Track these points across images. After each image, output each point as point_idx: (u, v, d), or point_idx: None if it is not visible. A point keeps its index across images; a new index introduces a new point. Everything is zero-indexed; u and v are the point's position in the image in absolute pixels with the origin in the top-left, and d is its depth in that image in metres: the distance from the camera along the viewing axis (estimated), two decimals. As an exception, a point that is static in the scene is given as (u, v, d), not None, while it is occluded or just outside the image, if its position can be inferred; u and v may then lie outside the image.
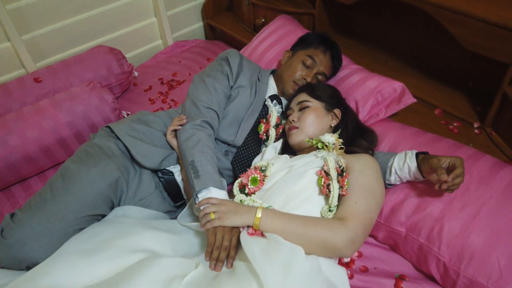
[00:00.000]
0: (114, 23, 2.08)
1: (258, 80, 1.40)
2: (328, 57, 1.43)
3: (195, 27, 2.45)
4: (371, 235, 1.23)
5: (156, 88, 1.95)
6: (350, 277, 1.11)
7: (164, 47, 2.33)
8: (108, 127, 1.28)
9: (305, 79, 1.40)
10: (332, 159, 1.06)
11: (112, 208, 1.18)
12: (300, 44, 1.49)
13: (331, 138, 1.13)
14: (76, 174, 1.12)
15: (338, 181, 1.02)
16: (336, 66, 1.48)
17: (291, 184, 1.06)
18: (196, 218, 1.13)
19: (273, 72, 1.51)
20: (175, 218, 1.20)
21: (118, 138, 1.24)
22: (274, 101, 1.41)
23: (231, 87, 1.34)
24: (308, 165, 1.08)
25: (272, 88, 1.45)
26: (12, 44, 1.76)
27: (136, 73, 2.00)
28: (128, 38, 2.17)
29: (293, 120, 1.25)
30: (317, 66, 1.41)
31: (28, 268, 0.99)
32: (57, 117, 1.50)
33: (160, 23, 2.24)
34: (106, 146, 1.21)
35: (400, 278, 1.11)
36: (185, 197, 1.27)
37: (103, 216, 1.16)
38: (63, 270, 0.85)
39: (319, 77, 1.43)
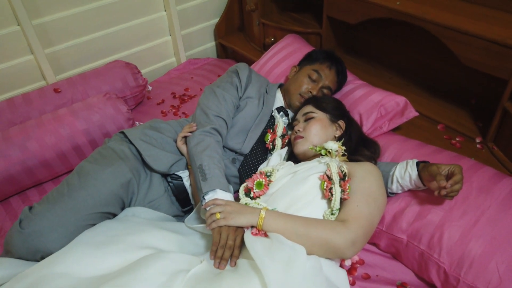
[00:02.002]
0: (131, 40, 2.19)
1: (266, 92, 1.47)
2: (334, 72, 1.49)
3: (208, 46, 2.55)
4: (373, 243, 1.25)
5: (168, 102, 2.03)
6: (352, 283, 1.13)
7: (177, 64, 2.43)
8: (122, 132, 1.35)
9: (310, 92, 1.46)
10: (335, 164, 1.10)
11: (123, 208, 1.23)
12: (307, 60, 1.56)
13: (334, 145, 1.18)
14: (91, 173, 1.18)
15: (340, 185, 1.06)
16: (341, 81, 1.54)
17: (294, 188, 1.10)
18: (203, 222, 1.17)
19: (280, 86, 1.57)
20: (183, 222, 1.24)
21: (131, 143, 1.30)
22: (281, 112, 1.47)
23: (240, 98, 1.40)
24: (311, 170, 1.12)
25: (279, 100, 1.51)
26: (35, 57, 1.87)
27: (150, 87, 2.09)
28: (144, 54, 2.27)
29: (298, 130, 1.30)
30: (323, 80, 1.47)
31: (43, 258, 1.03)
32: (74, 125, 1.58)
33: (175, 41, 2.34)
34: (119, 149, 1.27)
35: (402, 285, 1.12)
36: (192, 202, 1.32)
37: (114, 215, 1.21)
38: (76, 259, 0.89)
39: (325, 90, 1.48)
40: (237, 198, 1.19)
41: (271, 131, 1.41)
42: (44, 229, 1.07)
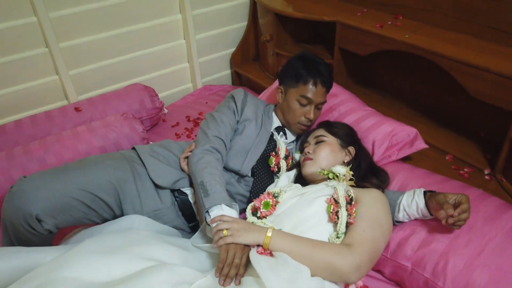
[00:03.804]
0: (151, 65, 2.29)
1: (264, 113, 1.51)
2: (320, 86, 1.41)
3: (224, 74, 2.65)
4: (378, 270, 1.24)
5: (182, 125, 2.09)
6: (356, 309, 1.12)
7: (193, 90, 2.52)
8: (134, 148, 1.42)
9: (307, 118, 1.44)
10: (342, 188, 1.12)
11: (120, 206, 1.26)
12: (288, 79, 1.46)
13: (342, 169, 1.20)
14: (92, 160, 1.28)
15: (346, 209, 1.07)
16: (330, 86, 1.47)
17: (301, 209, 1.12)
18: (209, 241, 1.19)
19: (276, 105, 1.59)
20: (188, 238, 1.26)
21: None
22: (281, 133, 1.50)
23: (238, 121, 1.45)
24: (318, 193, 1.14)
25: (276, 120, 1.53)
26: (60, 77, 1.97)
27: (166, 110, 2.17)
28: (162, 79, 2.37)
29: (308, 152, 1.33)
30: (313, 100, 1.42)
31: (24, 220, 1.10)
32: (91, 142, 1.64)
33: (192, 68, 2.44)
34: (129, 155, 1.36)
35: (406, 314, 1.11)
36: (198, 218, 1.34)
37: (108, 205, 1.24)
38: (83, 266, 0.91)
39: (319, 106, 1.46)
40: (244, 219, 1.21)
41: (274, 154, 1.44)
42: (29, 189, 1.12)
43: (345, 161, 1.32)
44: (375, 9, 1.84)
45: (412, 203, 1.16)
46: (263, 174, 1.44)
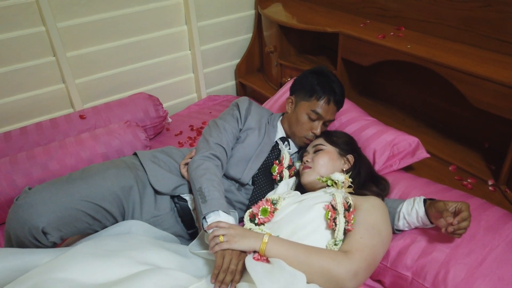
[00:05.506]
0: (156, 75, 2.32)
1: (268, 123, 1.51)
2: (332, 105, 1.43)
3: (228, 84, 2.67)
4: (378, 280, 1.22)
5: (186, 134, 2.10)
6: (355, 320, 1.10)
7: (198, 100, 2.54)
8: (135, 154, 1.43)
9: (314, 132, 1.43)
10: (340, 195, 1.11)
11: (123, 215, 1.26)
12: (300, 91, 1.47)
13: (340, 176, 1.20)
14: (94, 169, 1.28)
15: (344, 216, 1.07)
16: (341, 104, 1.49)
17: (299, 216, 1.12)
18: (206, 248, 1.18)
19: (282, 115, 1.59)
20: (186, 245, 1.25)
21: None
22: (285, 142, 1.49)
23: (240, 130, 1.45)
24: (316, 199, 1.14)
25: (280, 130, 1.53)
26: (66, 86, 2.00)
27: (170, 120, 2.19)
28: (167, 89, 2.39)
29: (307, 161, 1.33)
30: (323, 117, 1.42)
31: (30, 233, 1.08)
32: (94, 149, 1.66)
33: (197, 79, 2.47)
34: (130, 162, 1.36)
35: (407, 326, 1.08)
36: (196, 224, 1.34)
37: (112, 216, 1.23)
38: (79, 268, 0.91)
39: (327, 123, 1.46)
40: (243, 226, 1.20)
41: (278, 162, 1.44)
42: (35, 202, 1.12)
43: (344, 169, 1.31)
44: (377, 20, 1.86)
45: (412, 211, 1.15)
46: (264, 183, 1.43)
